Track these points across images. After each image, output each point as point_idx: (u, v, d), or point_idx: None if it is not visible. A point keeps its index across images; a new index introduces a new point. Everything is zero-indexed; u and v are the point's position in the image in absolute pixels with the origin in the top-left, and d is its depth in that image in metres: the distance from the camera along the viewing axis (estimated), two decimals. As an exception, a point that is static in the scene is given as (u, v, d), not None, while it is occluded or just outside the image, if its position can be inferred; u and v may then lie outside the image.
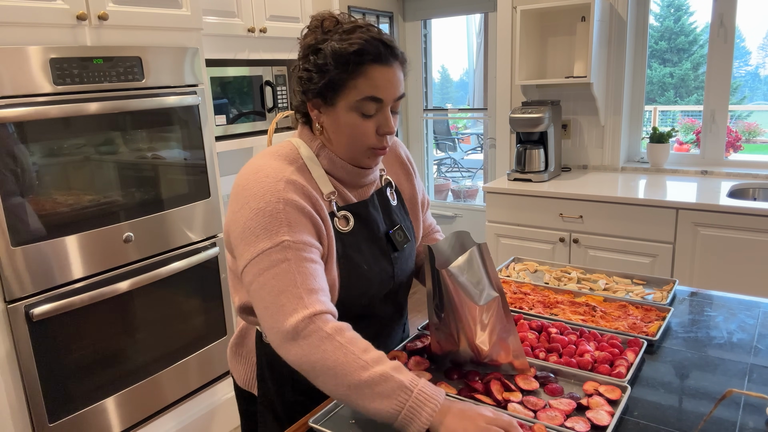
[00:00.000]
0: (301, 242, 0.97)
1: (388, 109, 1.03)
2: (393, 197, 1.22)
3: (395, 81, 1.02)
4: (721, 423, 0.95)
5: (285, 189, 0.99)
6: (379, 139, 1.05)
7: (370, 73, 0.99)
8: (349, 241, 1.09)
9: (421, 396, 0.86)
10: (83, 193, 1.88)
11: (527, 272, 1.69)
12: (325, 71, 1.00)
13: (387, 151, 1.09)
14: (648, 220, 2.52)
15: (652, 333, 1.25)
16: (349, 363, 0.88)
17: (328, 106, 1.03)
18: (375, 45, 0.99)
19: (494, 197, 2.93)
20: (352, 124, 1.02)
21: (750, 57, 11.65)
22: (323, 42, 1.01)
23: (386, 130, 1.03)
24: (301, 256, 0.96)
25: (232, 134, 2.62)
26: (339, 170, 1.10)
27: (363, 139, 1.04)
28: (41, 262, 1.76)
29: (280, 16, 2.74)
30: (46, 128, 1.75)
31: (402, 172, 1.28)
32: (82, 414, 1.92)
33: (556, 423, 0.94)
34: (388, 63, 1.01)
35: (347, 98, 1.01)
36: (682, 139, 3.61)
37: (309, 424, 0.98)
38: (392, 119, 1.04)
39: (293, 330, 0.91)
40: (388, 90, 1.01)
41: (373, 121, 1.03)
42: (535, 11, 3.02)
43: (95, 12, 1.86)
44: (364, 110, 1.01)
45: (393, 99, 1.03)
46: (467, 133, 9.17)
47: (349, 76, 0.99)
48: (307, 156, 1.08)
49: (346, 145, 1.06)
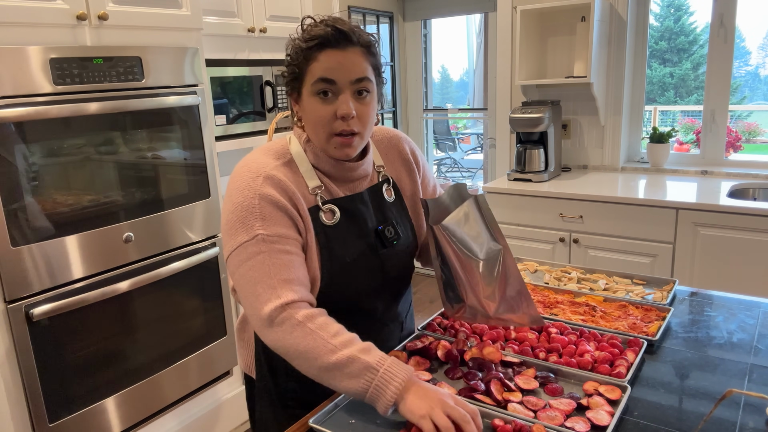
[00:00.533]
0: (276, 235, 1.03)
1: (346, 92, 1.05)
2: (390, 194, 1.23)
3: (348, 63, 1.04)
4: (721, 423, 0.95)
5: (262, 184, 1.05)
6: (339, 123, 1.05)
7: (321, 57, 1.04)
8: (334, 234, 1.11)
9: (387, 375, 0.93)
10: (83, 193, 1.88)
11: (527, 272, 1.69)
12: (290, 64, 1.08)
13: (355, 141, 1.08)
14: (648, 220, 2.52)
15: (652, 333, 1.25)
16: (319, 347, 0.95)
17: (299, 98, 1.09)
18: (326, 32, 1.04)
19: (494, 197, 2.93)
20: (313, 110, 1.06)
21: (750, 57, 11.66)
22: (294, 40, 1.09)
23: (342, 112, 1.04)
24: (274, 248, 1.02)
25: (232, 134, 2.62)
26: (324, 164, 1.13)
27: (324, 123, 1.06)
28: (41, 262, 1.76)
29: (280, 16, 2.74)
30: (46, 128, 1.75)
31: (404, 169, 1.28)
32: (82, 414, 1.92)
33: (556, 423, 0.94)
34: (340, 46, 1.04)
35: (306, 85, 1.06)
36: (682, 139, 3.61)
37: (309, 424, 0.98)
38: (352, 103, 1.05)
39: (268, 318, 0.99)
40: (339, 71, 1.04)
41: (332, 105, 1.05)
42: (535, 11, 3.02)
43: (95, 12, 1.86)
44: (319, 92, 1.05)
45: (348, 81, 1.05)
46: (467, 133, 9.18)
47: (305, 62, 1.05)
48: (296, 151, 1.13)
49: (313, 133, 1.10)
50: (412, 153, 1.30)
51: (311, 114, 1.07)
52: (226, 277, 2.37)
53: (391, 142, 1.28)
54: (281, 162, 1.11)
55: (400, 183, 1.27)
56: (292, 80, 1.09)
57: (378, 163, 1.24)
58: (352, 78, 1.05)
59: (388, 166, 1.26)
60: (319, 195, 1.12)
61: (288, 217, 1.05)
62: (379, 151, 1.26)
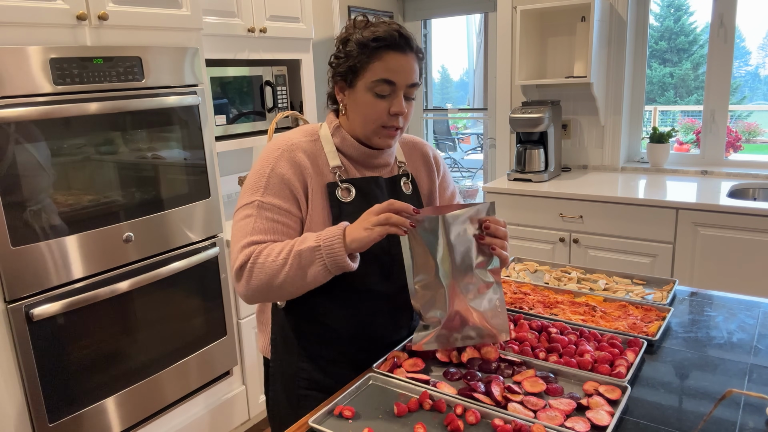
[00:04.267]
0: (270, 204, 1.16)
1: (401, 93, 1.15)
2: (408, 188, 1.31)
3: (408, 68, 1.15)
4: (721, 423, 0.95)
5: (279, 157, 1.18)
6: (390, 118, 1.16)
7: (385, 58, 1.13)
8: (348, 210, 1.20)
9: (328, 242, 1.06)
10: (83, 193, 1.88)
11: (527, 272, 1.69)
12: (349, 56, 1.15)
13: (398, 134, 1.20)
14: (648, 220, 2.52)
15: (652, 333, 1.25)
16: (274, 272, 1.09)
17: (350, 88, 1.18)
18: (392, 34, 1.13)
19: (494, 197, 2.93)
20: (368, 103, 1.16)
21: (750, 57, 11.65)
22: (352, 34, 1.17)
23: (396, 110, 1.15)
24: (263, 214, 1.15)
25: (232, 134, 2.62)
26: (348, 148, 1.23)
27: (375, 117, 1.16)
28: (41, 262, 1.76)
29: (280, 16, 2.74)
30: (46, 128, 1.75)
31: (424, 169, 1.37)
32: (82, 414, 1.92)
33: (556, 423, 0.94)
34: (403, 51, 1.14)
35: (365, 79, 1.15)
36: (682, 139, 3.61)
37: (309, 424, 0.99)
38: (404, 103, 1.16)
39: (236, 276, 1.14)
40: (400, 74, 1.14)
41: (386, 102, 1.15)
42: (535, 11, 3.02)
43: (95, 12, 1.86)
44: (378, 90, 1.14)
45: (405, 84, 1.15)
46: (467, 133, 9.18)
47: (367, 59, 1.14)
48: (324, 134, 1.25)
49: (361, 123, 1.19)
50: (434, 158, 1.40)
51: (364, 107, 1.16)
52: (226, 276, 2.37)
53: (417, 145, 1.39)
54: (308, 139, 1.23)
55: (418, 180, 1.35)
56: (347, 72, 1.16)
57: (400, 159, 1.33)
58: (408, 82, 1.16)
59: (409, 163, 1.35)
60: (338, 174, 1.21)
61: (290, 191, 1.17)
62: (404, 150, 1.36)
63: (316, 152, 1.22)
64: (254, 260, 1.11)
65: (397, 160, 1.33)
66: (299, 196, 1.18)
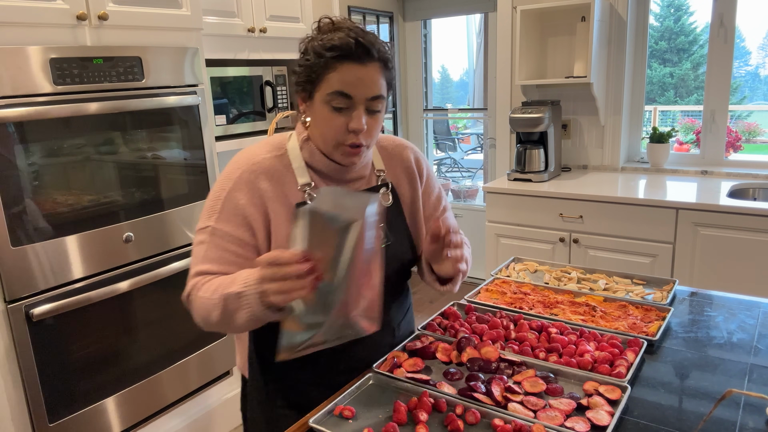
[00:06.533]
0: (223, 231, 1.08)
1: (360, 107, 1.05)
2: (387, 198, 1.22)
3: (367, 80, 1.04)
4: (721, 423, 0.95)
5: (238, 180, 1.10)
6: (349, 135, 1.06)
7: (341, 69, 1.03)
8: None
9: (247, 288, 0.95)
10: (83, 193, 1.88)
11: (527, 272, 1.69)
12: (306, 66, 1.06)
13: (362, 151, 1.09)
14: (648, 220, 2.52)
15: (652, 333, 1.25)
16: (208, 309, 1.03)
17: (309, 99, 1.09)
18: (347, 43, 1.02)
19: (494, 197, 2.93)
20: (324, 118, 1.07)
21: (750, 57, 11.65)
22: (312, 40, 1.07)
23: (354, 126, 1.05)
24: (215, 242, 1.08)
25: (232, 134, 2.62)
26: (318, 162, 1.14)
27: (333, 133, 1.07)
28: (41, 262, 1.76)
29: (280, 16, 2.74)
30: (46, 128, 1.75)
31: (405, 176, 1.27)
32: (82, 414, 1.92)
33: (556, 423, 0.94)
34: (361, 61, 1.03)
35: (321, 91, 1.05)
36: (682, 139, 3.61)
37: (309, 424, 0.99)
38: (365, 118, 1.06)
39: (186, 300, 1.10)
40: (357, 87, 1.04)
41: (344, 116, 1.06)
42: (535, 11, 3.02)
43: (95, 12, 1.86)
44: (334, 104, 1.05)
45: (364, 97, 1.05)
46: (467, 133, 9.17)
47: (323, 70, 1.04)
48: (292, 147, 1.15)
49: (321, 139, 1.10)
50: (416, 162, 1.29)
51: (321, 121, 1.08)
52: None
53: (396, 149, 1.28)
54: (274, 154, 1.14)
55: (399, 189, 1.26)
56: (306, 82, 1.08)
57: (378, 167, 1.24)
58: (369, 95, 1.05)
59: (388, 172, 1.25)
60: (307, 192, 1.13)
61: (244, 218, 1.09)
62: (382, 156, 1.26)
63: (282, 170, 1.13)
64: (195, 293, 1.06)
65: (375, 168, 1.23)
66: (255, 225, 1.09)
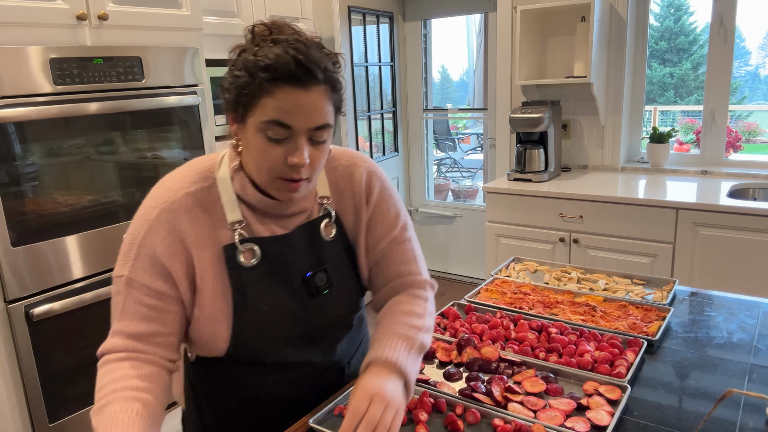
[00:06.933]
0: (139, 283, 0.93)
1: (301, 138, 0.88)
2: (330, 231, 1.06)
3: (310, 108, 0.87)
4: (721, 423, 0.95)
5: (155, 221, 0.93)
6: (288, 169, 0.90)
7: (278, 95, 0.86)
8: (250, 277, 0.97)
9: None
10: (83, 193, 1.88)
11: (527, 272, 1.69)
12: (238, 84, 0.88)
13: (302, 186, 0.93)
14: (648, 220, 2.52)
15: (652, 333, 1.25)
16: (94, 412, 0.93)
17: (241, 123, 0.91)
18: (286, 63, 0.85)
19: (494, 197, 2.93)
20: (259, 148, 0.89)
21: (750, 57, 11.67)
22: (244, 51, 0.91)
23: (294, 162, 0.88)
24: (132, 295, 0.93)
25: (232, 134, 2.61)
26: (251, 197, 0.97)
27: (269, 166, 0.90)
28: (41, 262, 1.76)
29: (280, 16, 2.73)
30: (46, 128, 1.75)
31: (351, 202, 1.08)
32: (82, 414, 1.92)
33: (556, 423, 0.94)
34: (302, 85, 0.86)
35: (255, 118, 0.88)
36: (682, 139, 3.61)
37: (309, 424, 0.98)
38: (307, 150, 0.89)
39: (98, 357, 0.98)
40: (297, 117, 0.87)
41: (282, 148, 0.89)
42: (535, 11, 3.02)
43: (95, 12, 1.86)
44: (270, 134, 0.88)
45: (306, 128, 0.88)
46: (467, 133, 9.18)
47: (257, 92, 0.87)
48: (222, 177, 0.98)
49: (255, 171, 0.93)
50: (367, 183, 1.08)
51: (255, 152, 0.90)
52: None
53: (347, 171, 1.08)
54: (200, 186, 0.97)
55: (344, 219, 1.08)
56: (236, 103, 0.90)
57: (323, 193, 1.06)
58: (312, 125, 0.88)
59: (334, 198, 1.07)
60: (238, 231, 0.97)
61: (162, 268, 0.93)
62: (330, 180, 1.07)
63: (209, 205, 0.96)
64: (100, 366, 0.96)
65: (318, 195, 1.05)
66: (176, 276, 0.94)
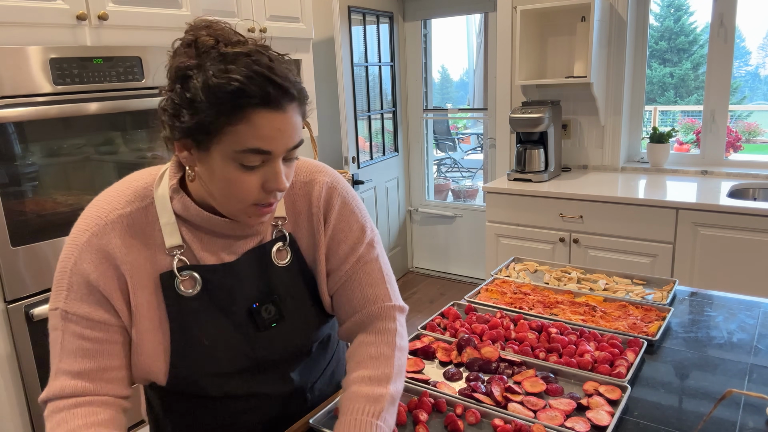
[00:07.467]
0: (76, 315, 0.85)
1: (278, 162, 0.82)
2: (284, 256, 0.96)
3: (288, 129, 0.81)
4: (721, 423, 0.95)
5: (86, 246, 0.86)
6: (264, 195, 0.84)
7: (255, 120, 0.78)
8: (191, 307, 0.89)
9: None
10: (83, 193, 1.88)
11: (527, 272, 1.69)
12: (196, 109, 0.78)
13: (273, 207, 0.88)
14: (648, 220, 2.52)
15: (652, 333, 1.25)
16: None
17: (200, 150, 0.82)
18: (261, 84, 0.77)
19: (494, 197, 2.93)
20: (230, 178, 0.81)
21: (750, 57, 11.67)
22: (195, 69, 0.80)
23: (275, 186, 0.83)
24: (69, 329, 0.85)
25: (232, 134, 2.62)
26: (195, 217, 0.89)
27: (244, 196, 0.83)
28: (41, 262, 1.76)
29: (280, 16, 2.73)
30: (46, 128, 1.75)
31: (307, 221, 0.98)
32: (82, 414, 1.92)
33: (556, 423, 0.94)
34: (280, 107, 0.79)
35: (224, 146, 0.79)
36: (682, 139, 3.61)
37: (309, 423, 0.98)
38: (284, 172, 0.84)
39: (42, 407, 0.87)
40: (277, 140, 0.80)
41: (257, 174, 0.82)
42: (535, 11, 3.02)
43: (95, 12, 1.86)
44: (245, 162, 0.80)
45: (285, 149, 0.82)
46: (467, 133, 9.18)
47: (227, 120, 0.77)
48: (161, 196, 0.90)
49: (222, 201, 0.85)
50: (327, 200, 0.98)
51: (224, 182, 0.82)
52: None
53: (305, 188, 0.98)
54: (135, 207, 0.89)
55: (300, 242, 0.98)
56: (196, 130, 0.79)
57: (279, 214, 0.96)
58: (290, 146, 0.82)
59: (291, 219, 0.98)
60: (177, 257, 0.88)
61: (100, 295, 0.86)
62: (287, 199, 0.98)
63: (145, 228, 0.88)
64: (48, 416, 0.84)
65: (273, 216, 0.95)
66: (115, 302, 0.86)
